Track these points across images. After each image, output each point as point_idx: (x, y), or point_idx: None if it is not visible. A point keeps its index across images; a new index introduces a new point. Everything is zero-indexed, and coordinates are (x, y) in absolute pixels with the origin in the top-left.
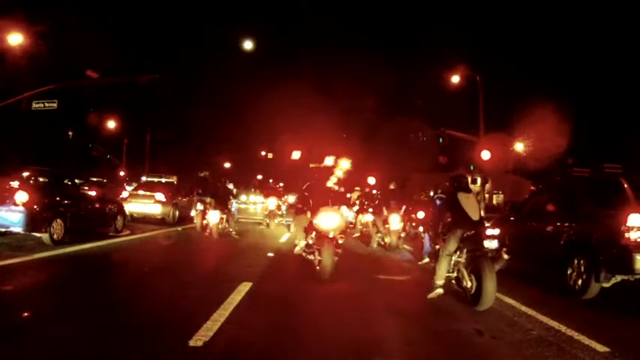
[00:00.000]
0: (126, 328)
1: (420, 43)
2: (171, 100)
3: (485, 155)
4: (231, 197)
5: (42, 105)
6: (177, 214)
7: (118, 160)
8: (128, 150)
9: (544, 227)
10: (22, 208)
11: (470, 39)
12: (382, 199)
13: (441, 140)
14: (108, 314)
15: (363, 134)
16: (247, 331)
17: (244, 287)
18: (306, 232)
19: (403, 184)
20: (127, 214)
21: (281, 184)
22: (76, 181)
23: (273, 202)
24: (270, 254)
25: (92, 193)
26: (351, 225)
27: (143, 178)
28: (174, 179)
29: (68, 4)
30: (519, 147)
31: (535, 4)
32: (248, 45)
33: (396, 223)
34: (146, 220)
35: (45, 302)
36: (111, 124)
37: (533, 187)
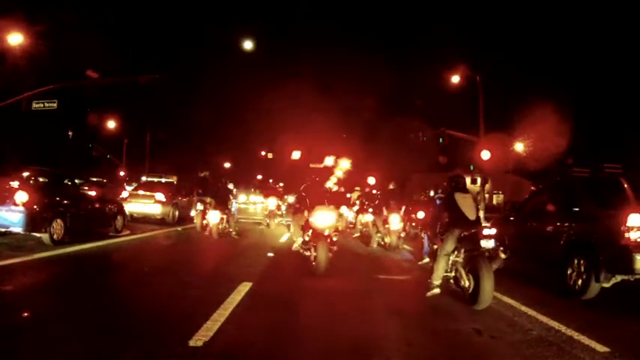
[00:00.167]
0: (126, 328)
1: (420, 43)
2: (171, 100)
3: (485, 155)
4: (231, 197)
5: (42, 105)
6: (177, 214)
7: (118, 160)
8: (128, 150)
9: (544, 227)
10: (22, 208)
11: (470, 39)
12: (382, 199)
13: (440, 140)
14: (108, 314)
15: (363, 134)
16: (247, 331)
17: (244, 287)
18: (303, 230)
19: (403, 184)
20: (127, 214)
21: (281, 184)
22: (76, 181)
23: (273, 202)
24: (270, 254)
25: (92, 193)
26: (351, 225)
27: (143, 178)
28: (174, 179)
29: (68, 4)
30: (519, 147)
31: (535, 4)
32: (248, 45)
33: (396, 223)
34: (146, 220)
35: (45, 302)
36: (111, 124)
37: (533, 187)
